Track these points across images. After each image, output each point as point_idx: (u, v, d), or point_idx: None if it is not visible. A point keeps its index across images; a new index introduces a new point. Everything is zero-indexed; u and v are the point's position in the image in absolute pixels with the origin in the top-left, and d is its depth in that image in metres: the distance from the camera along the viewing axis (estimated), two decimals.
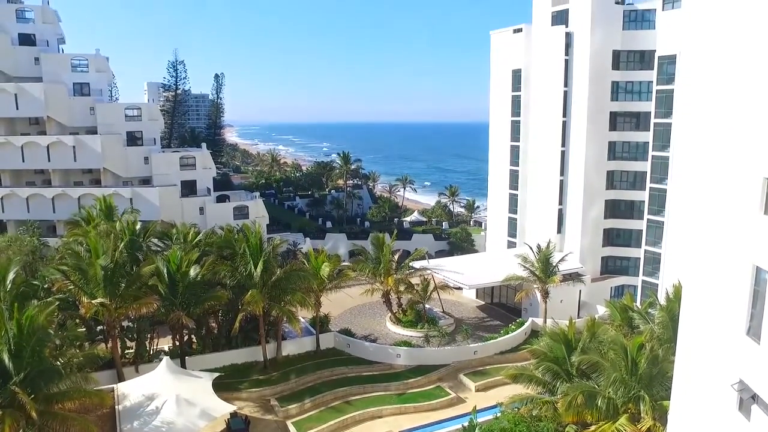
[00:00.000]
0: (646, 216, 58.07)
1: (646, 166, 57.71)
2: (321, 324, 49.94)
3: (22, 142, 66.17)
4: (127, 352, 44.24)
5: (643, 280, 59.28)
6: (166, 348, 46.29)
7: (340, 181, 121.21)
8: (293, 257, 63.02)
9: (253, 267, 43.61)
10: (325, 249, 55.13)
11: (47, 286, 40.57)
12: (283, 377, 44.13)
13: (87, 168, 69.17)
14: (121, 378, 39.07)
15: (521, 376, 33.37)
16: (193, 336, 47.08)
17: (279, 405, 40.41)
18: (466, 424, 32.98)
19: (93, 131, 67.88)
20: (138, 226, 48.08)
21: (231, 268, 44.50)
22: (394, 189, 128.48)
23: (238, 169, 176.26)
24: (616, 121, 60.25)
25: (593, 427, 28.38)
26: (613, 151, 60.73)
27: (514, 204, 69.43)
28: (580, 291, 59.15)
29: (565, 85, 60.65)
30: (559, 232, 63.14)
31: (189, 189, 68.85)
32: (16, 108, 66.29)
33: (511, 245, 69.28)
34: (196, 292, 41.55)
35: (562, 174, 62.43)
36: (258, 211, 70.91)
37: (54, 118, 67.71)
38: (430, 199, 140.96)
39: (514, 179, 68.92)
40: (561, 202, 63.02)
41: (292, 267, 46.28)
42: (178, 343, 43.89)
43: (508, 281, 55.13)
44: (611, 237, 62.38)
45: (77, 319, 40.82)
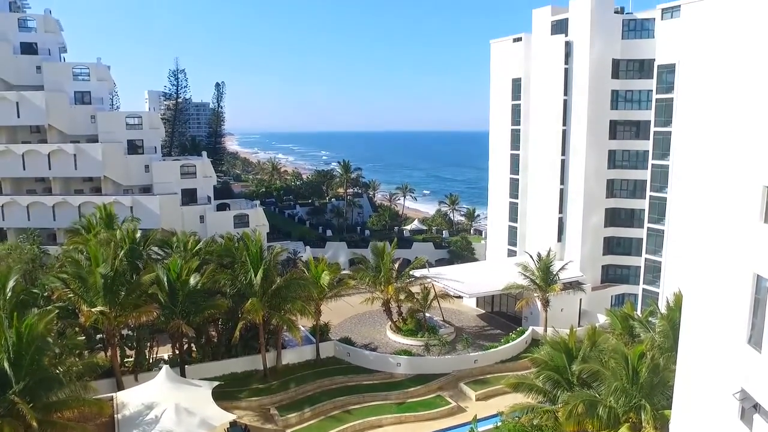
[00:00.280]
0: (647, 224, 58.07)
1: (646, 175, 57.78)
2: (321, 333, 49.82)
3: (23, 150, 66.31)
4: (126, 360, 44.11)
5: (643, 289, 59.21)
6: (166, 356, 46.14)
7: (341, 190, 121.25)
8: (293, 266, 62.88)
9: (253, 275, 43.57)
10: (325, 257, 54.99)
11: (47, 294, 40.49)
12: (282, 386, 43.97)
13: (87, 176, 69.24)
14: (120, 387, 38.95)
15: (522, 385, 33.23)
16: (192, 344, 46.91)
17: (279, 414, 40.24)
18: None
19: (94, 139, 68.02)
20: (138, 235, 48.10)
21: (231, 276, 44.47)
22: (394, 197, 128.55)
23: (238, 177, 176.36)
24: (615, 129, 60.38)
25: None
26: (613, 159, 60.83)
27: (514, 212, 69.48)
28: (581, 300, 59.03)
29: (565, 93, 60.84)
30: (559, 240, 63.13)
31: (189, 197, 68.88)
32: (18, 116, 66.50)
33: (511, 254, 69.26)
34: (196, 301, 41.48)
35: (562, 183, 62.50)
36: (258, 220, 70.93)
37: (55, 127, 67.89)
38: (430, 207, 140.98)
39: (515, 188, 68.99)
40: (561, 211, 63.06)
41: (292, 275, 46.22)
42: (177, 351, 43.76)
43: (509, 290, 55.04)
44: (611, 245, 62.35)
45: (77, 328, 40.70)
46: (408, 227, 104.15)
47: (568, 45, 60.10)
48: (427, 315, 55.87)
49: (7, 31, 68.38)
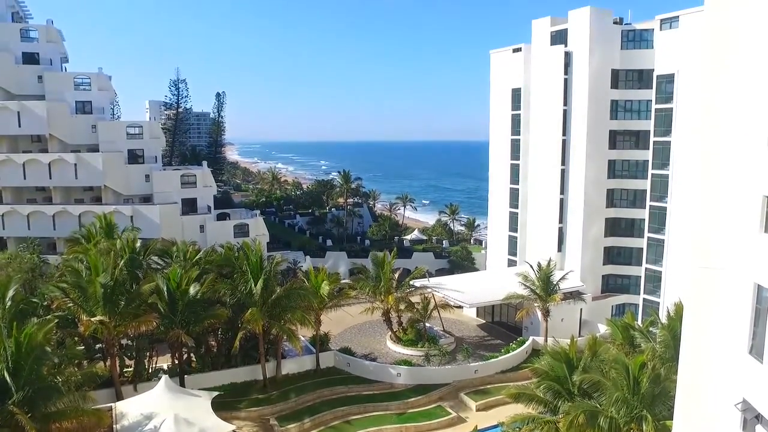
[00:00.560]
0: (647, 234, 58.07)
1: (646, 184, 57.87)
2: (321, 342, 49.70)
3: (24, 159, 66.45)
4: (125, 370, 43.99)
5: (644, 299, 59.13)
6: (165, 366, 46.02)
7: (341, 200, 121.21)
8: (293, 275, 62.76)
9: (253, 285, 43.51)
10: (325, 267, 54.90)
11: (46, 303, 40.43)
12: (282, 396, 43.82)
13: (88, 185, 69.32)
14: (119, 397, 38.77)
15: (522, 396, 33.05)
16: (192, 354, 46.82)
17: (278, 424, 40.07)
18: None
19: (95, 149, 68.18)
20: (138, 244, 48.11)
21: (231, 286, 44.40)
22: (394, 207, 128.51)
23: (238, 187, 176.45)
24: (615, 139, 60.53)
25: None
26: (613, 169, 60.93)
27: (514, 222, 69.49)
28: (581, 309, 58.90)
29: (565, 103, 61.03)
30: (559, 250, 63.09)
31: (190, 207, 68.94)
32: (19, 125, 66.69)
33: (511, 264, 69.20)
34: (195, 310, 41.40)
35: (562, 192, 62.55)
36: (258, 229, 70.93)
37: (56, 136, 68.04)
38: (430, 217, 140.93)
39: (515, 197, 69.05)
40: (561, 221, 63.07)
41: (292, 285, 46.17)
42: (177, 361, 43.64)
43: (509, 300, 54.96)
44: (612, 255, 62.30)
45: (76, 337, 40.62)
46: (408, 237, 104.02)
47: (567, 55, 60.35)
48: (427, 325, 55.76)
49: (9, 42, 68.72)
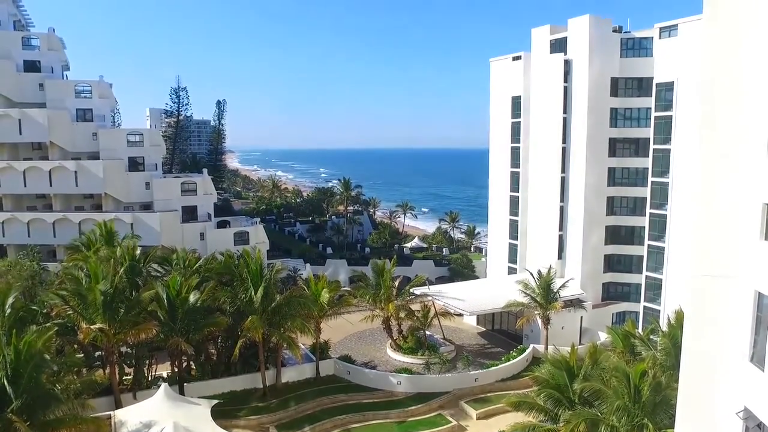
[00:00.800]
0: (647, 242, 58.01)
1: (645, 192, 57.89)
2: (321, 351, 49.58)
3: (25, 167, 66.54)
4: (125, 378, 43.85)
5: (644, 306, 58.97)
6: (165, 374, 45.86)
7: (341, 207, 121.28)
8: (293, 283, 62.70)
9: (253, 293, 43.46)
10: (325, 275, 54.86)
11: (46, 311, 40.40)
12: (282, 405, 43.65)
13: (88, 193, 69.36)
14: (118, 405, 38.58)
15: (523, 404, 32.93)
16: (192, 362, 46.68)
17: None
18: None
19: (95, 156, 68.30)
20: (138, 252, 48.00)
21: (231, 294, 44.35)
22: (394, 215, 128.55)
23: (239, 194, 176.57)
24: (615, 147, 60.60)
25: None
26: (613, 177, 60.96)
27: (514, 230, 69.45)
28: (582, 317, 58.78)
29: (565, 111, 61.13)
30: (559, 258, 63.04)
31: (190, 214, 68.92)
32: (20, 133, 66.83)
33: (511, 271, 69.11)
34: (195, 318, 41.35)
35: (562, 200, 62.56)
36: (258, 237, 70.89)
37: (57, 144, 68.15)
38: (430, 225, 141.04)
39: (515, 205, 69.05)
40: (561, 228, 63.04)
41: (292, 293, 46.15)
42: (176, 369, 43.52)
43: (509, 308, 54.88)
44: (612, 263, 62.24)
45: (75, 345, 40.54)
46: (408, 245, 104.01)
47: (567, 63, 60.53)
48: (427, 333, 55.66)
49: (11, 50, 68.98)
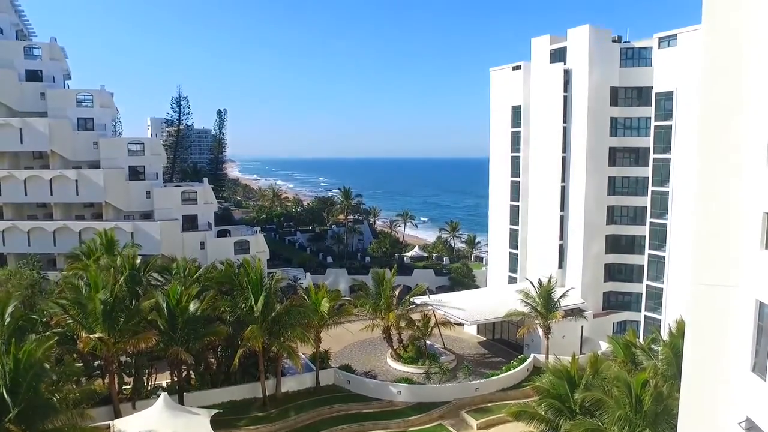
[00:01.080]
0: (647, 251, 57.98)
1: (646, 201, 57.93)
2: (321, 360, 49.43)
3: (26, 175, 66.69)
4: (124, 387, 43.68)
5: (645, 316, 58.85)
6: (164, 384, 45.69)
7: (341, 216, 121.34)
8: (294, 292, 62.60)
9: (253, 302, 43.38)
10: (325, 284, 54.78)
11: (46, 320, 40.31)
12: (282, 414, 43.46)
13: (89, 202, 69.46)
14: (117, 414, 38.44)
15: (524, 414, 32.82)
16: (191, 372, 46.52)
17: None
18: None
19: (96, 165, 68.43)
20: (138, 261, 48.00)
21: (231, 303, 44.28)
22: (394, 224, 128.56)
23: (239, 203, 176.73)
24: (615, 156, 60.69)
25: None
26: (613, 186, 61.01)
27: (514, 239, 69.41)
28: (582, 327, 58.62)
29: (565, 121, 61.28)
30: (560, 267, 62.97)
31: (190, 223, 68.96)
32: (21, 142, 67.03)
33: (512, 281, 69.01)
34: (195, 327, 41.25)
35: (563, 209, 62.58)
36: (259, 246, 70.87)
37: (58, 152, 68.30)
38: (431, 234, 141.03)
39: (515, 215, 69.05)
40: (562, 238, 63.01)
41: (293, 302, 46.05)
42: (176, 378, 43.38)
43: (510, 317, 54.74)
44: (612, 272, 62.16)
45: (75, 354, 40.41)
46: (408, 254, 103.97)
47: (566, 73, 60.74)
48: (427, 342, 55.49)
49: (13, 59, 69.35)
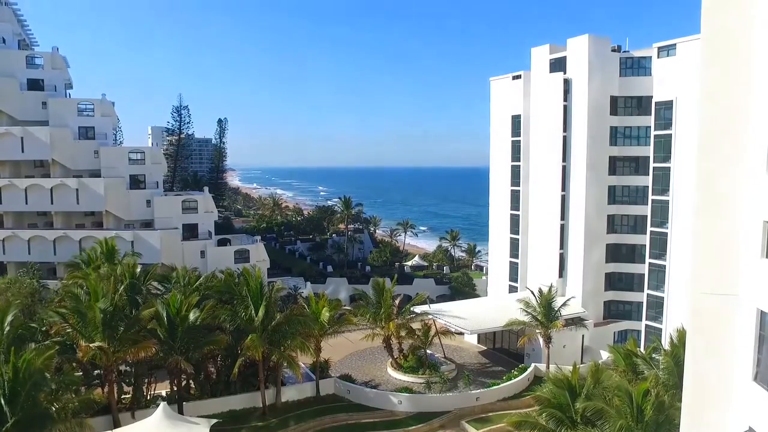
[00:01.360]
0: (648, 260, 57.91)
1: (646, 210, 57.92)
2: (321, 369, 49.28)
3: (26, 184, 66.80)
4: (123, 397, 43.52)
5: (646, 325, 58.68)
6: (164, 393, 45.57)
7: (342, 226, 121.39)
8: (294, 302, 62.53)
9: (253, 311, 43.31)
10: (325, 293, 54.77)
11: (45, 328, 40.24)
12: (282, 424, 43.24)
13: (89, 210, 69.54)
14: (116, 424, 38.28)
15: (525, 424, 32.63)
16: (191, 381, 46.36)
17: None
18: None
19: (97, 174, 68.52)
20: (138, 269, 47.97)
21: (231, 312, 44.21)
22: (394, 233, 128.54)
23: (239, 212, 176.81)
24: (615, 165, 60.78)
25: None
26: (613, 195, 61.05)
27: (515, 248, 69.39)
28: (583, 336, 58.47)
29: (565, 130, 61.41)
30: (560, 276, 62.90)
31: (190, 232, 68.97)
32: (22, 151, 67.18)
33: (512, 290, 68.92)
34: (195, 337, 41.14)
35: (563, 218, 62.59)
36: (259, 255, 70.85)
37: (58, 161, 68.43)
38: (431, 243, 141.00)
39: (515, 224, 69.07)
40: (562, 246, 62.98)
41: (293, 312, 46.00)
42: (175, 388, 43.22)
43: (510, 326, 54.62)
44: (613, 281, 62.09)
45: (74, 363, 40.28)
46: (409, 263, 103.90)
47: (566, 82, 60.95)
48: (428, 352, 55.35)
49: (15, 68, 69.59)
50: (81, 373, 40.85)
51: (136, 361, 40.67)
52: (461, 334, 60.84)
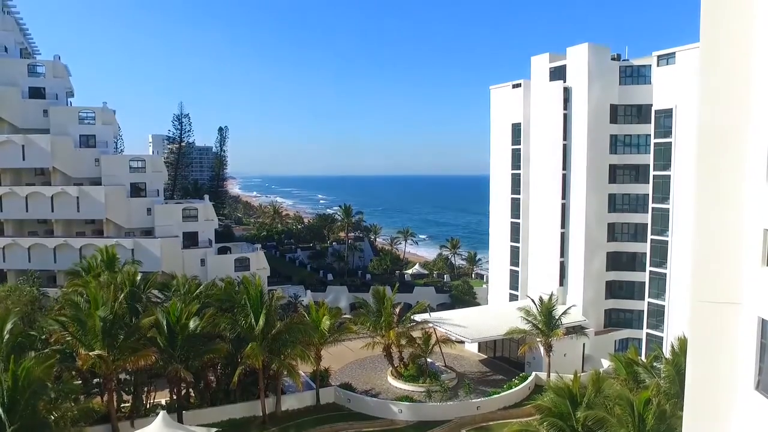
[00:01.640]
0: (649, 268, 57.82)
1: (646, 218, 57.89)
2: (321, 378, 49.15)
3: (27, 192, 66.88)
4: (123, 405, 43.40)
5: (647, 333, 58.51)
6: (163, 402, 45.45)
7: (342, 234, 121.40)
8: (294, 310, 62.43)
9: (253, 319, 43.24)
10: (326, 302, 54.74)
11: (45, 337, 40.15)
12: None
13: (90, 218, 69.56)
14: None
15: None
16: (191, 389, 46.22)
17: None
18: None
19: (97, 182, 68.59)
20: (139, 277, 47.94)
21: (231, 320, 44.14)
22: (395, 242, 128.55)
23: (240, 220, 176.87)
24: (615, 173, 60.83)
25: None
26: (614, 203, 61.08)
27: (515, 256, 69.33)
28: (584, 344, 58.31)
29: (565, 138, 61.50)
30: (561, 284, 62.80)
31: (191, 240, 68.96)
32: (23, 159, 67.26)
33: (513, 298, 68.80)
34: (195, 345, 41.08)
35: (563, 226, 62.57)
36: (259, 263, 70.79)
37: (59, 169, 68.51)
38: (431, 252, 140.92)
39: (515, 232, 69.05)
40: (563, 255, 62.92)
41: (293, 320, 45.97)
42: (175, 396, 43.10)
43: (511, 335, 54.48)
44: (614, 289, 62.00)
45: (74, 372, 40.19)
46: (409, 271, 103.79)
47: (566, 91, 61.11)
48: (428, 360, 55.20)
49: (17, 77, 69.78)
50: (80, 381, 40.77)
51: (135, 369, 40.59)
52: (462, 342, 60.71)
